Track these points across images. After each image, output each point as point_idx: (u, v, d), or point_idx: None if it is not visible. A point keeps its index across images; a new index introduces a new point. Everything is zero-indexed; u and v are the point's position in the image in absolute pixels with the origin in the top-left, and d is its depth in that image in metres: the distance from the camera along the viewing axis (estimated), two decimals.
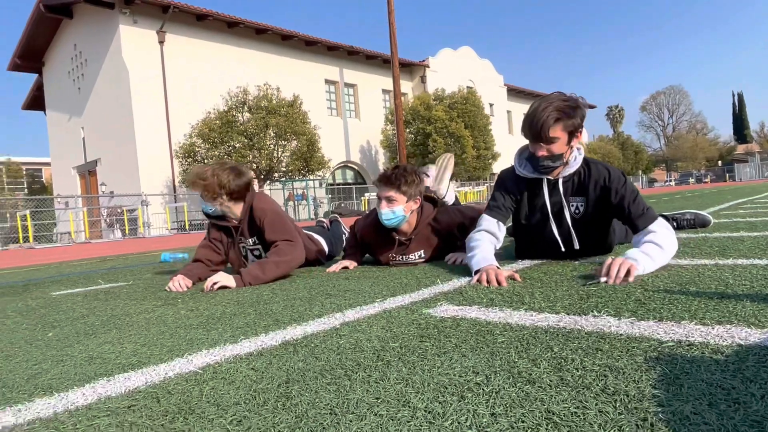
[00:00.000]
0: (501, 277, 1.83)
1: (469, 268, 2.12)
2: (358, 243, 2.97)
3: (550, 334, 1.15)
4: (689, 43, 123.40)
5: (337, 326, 1.41)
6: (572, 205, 2.20)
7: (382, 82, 27.25)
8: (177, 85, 19.41)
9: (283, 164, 18.60)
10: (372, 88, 27.33)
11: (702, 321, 1.16)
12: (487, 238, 2.19)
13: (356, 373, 0.99)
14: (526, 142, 2.21)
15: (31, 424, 0.88)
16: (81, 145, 22.21)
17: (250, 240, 2.80)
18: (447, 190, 3.57)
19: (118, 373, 1.13)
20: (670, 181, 49.53)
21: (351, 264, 2.79)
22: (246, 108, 18.09)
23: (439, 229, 2.69)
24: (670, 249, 1.91)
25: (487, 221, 2.26)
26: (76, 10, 20.64)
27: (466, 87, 29.06)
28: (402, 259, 2.74)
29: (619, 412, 0.72)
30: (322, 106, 24.61)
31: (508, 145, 29.08)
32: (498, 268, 1.92)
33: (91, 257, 6.90)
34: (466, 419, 0.74)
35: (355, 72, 26.43)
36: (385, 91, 27.69)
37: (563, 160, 2.13)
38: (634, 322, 1.20)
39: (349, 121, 26.13)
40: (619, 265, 1.72)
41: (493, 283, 1.82)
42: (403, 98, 23.24)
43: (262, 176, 18.45)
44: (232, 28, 21.21)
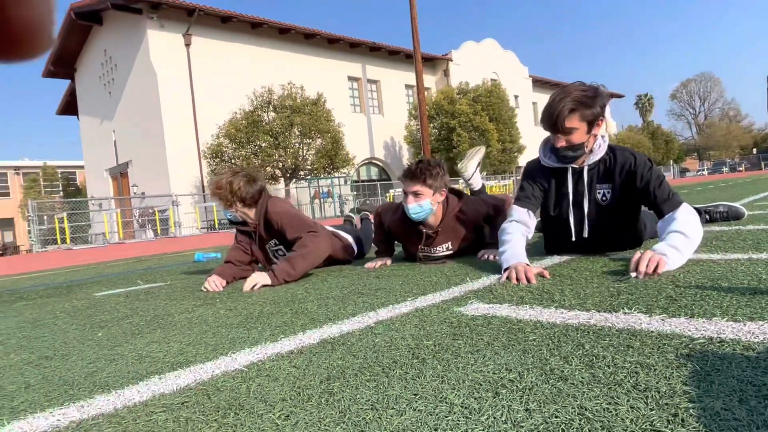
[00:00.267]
0: (530, 275, 1.85)
1: (498, 266, 2.15)
2: (387, 235, 3.03)
3: (581, 331, 1.18)
4: (720, 29, 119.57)
5: (372, 325, 1.45)
6: (599, 192, 2.22)
7: (405, 78, 27.21)
8: (203, 87, 19.76)
9: (309, 162, 18.79)
10: (395, 84, 27.31)
11: (734, 317, 1.17)
12: (519, 230, 2.21)
13: (393, 371, 1.04)
14: None
15: (95, 420, 0.95)
16: (113, 148, 22.83)
17: (271, 242, 2.92)
18: (473, 174, 3.68)
19: (168, 371, 1.20)
20: (703, 170, 48.20)
21: (387, 261, 2.85)
22: (271, 107, 18.31)
23: (465, 221, 2.74)
24: (696, 237, 1.91)
25: (517, 211, 2.29)
26: (106, 17, 21.17)
27: (491, 80, 28.82)
28: (430, 251, 2.79)
29: (650, 408, 0.75)
30: (346, 103, 24.73)
31: (533, 138, 28.69)
32: (528, 264, 1.94)
33: (126, 258, 7.13)
34: (502, 415, 0.78)
35: (378, 68, 26.45)
36: (408, 87, 27.65)
37: (584, 150, 2.16)
38: (665, 319, 1.21)
39: (373, 118, 26.19)
40: (648, 260, 1.72)
41: (522, 281, 1.84)
42: (426, 93, 23.18)
43: (288, 175, 18.67)
44: (255, 29, 21.46)
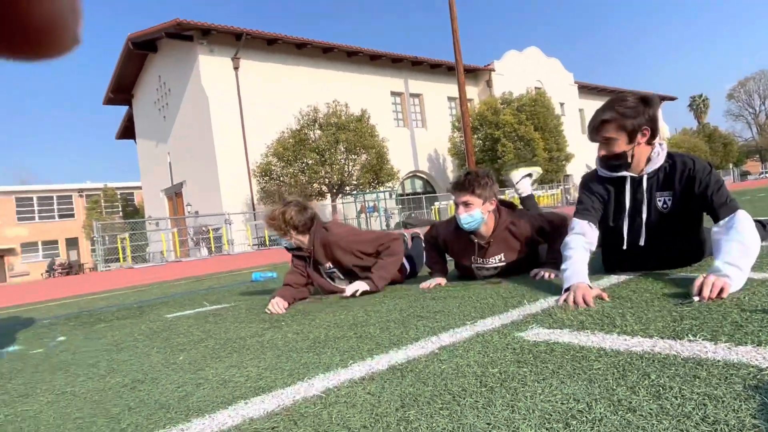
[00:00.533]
0: (588, 298, 1.87)
1: (553, 285, 2.18)
2: (441, 252, 3.09)
3: (645, 359, 1.21)
4: None
5: (436, 350, 1.52)
6: (659, 200, 2.23)
7: (448, 90, 27.26)
8: (252, 108, 20.45)
9: (354, 177, 19.08)
10: (437, 97, 27.41)
11: None
12: (580, 243, 2.23)
13: (464, 399, 1.10)
14: None
15: None
16: (168, 169, 23.87)
17: (326, 265, 3.08)
18: (521, 180, 3.75)
19: (253, 396, 1.31)
20: (766, 173, 45.68)
21: (442, 281, 2.91)
22: (317, 125, 18.75)
23: (517, 233, 2.77)
24: (755, 247, 1.89)
25: (579, 224, 2.31)
26: (160, 45, 22.30)
27: (535, 88, 28.48)
28: (483, 262, 2.84)
29: None
30: (389, 118, 24.99)
31: (581, 145, 28.11)
32: (589, 286, 1.96)
33: (186, 277, 7.46)
34: None
35: (420, 82, 26.64)
36: (450, 99, 27.68)
37: (627, 159, 2.20)
38: (732, 347, 1.22)
39: (416, 131, 26.33)
40: (712, 284, 1.71)
41: (581, 305, 1.86)
42: (469, 104, 23.14)
43: (334, 190, 19.01)
44: (300, 49, 22.09)
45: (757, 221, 2.79)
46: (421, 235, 4.12)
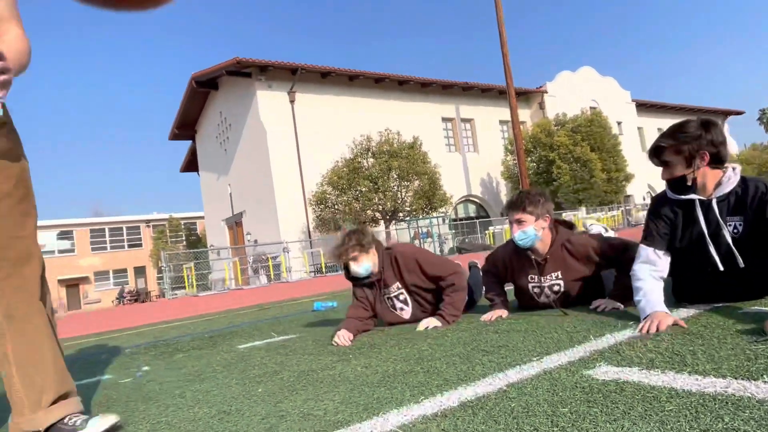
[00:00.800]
0: (662, 325, 1.94)
1: (619, 319, 2.18)
2: (500, 282, 3.12)
3: (718, 401, 1.21)
4: None
5: (504, 388, 1.57)
6: (730, 225, 2.20)
7: (499, 113, 27.19)
8: (307, 138, 21.15)
9: (407, 204, 19.24)
10: (489, 120, 27.38)
11: None
12: (648, 272, 2.26)
13: None
14: None
15: None
16: (228, 200, 24.93)
17: (393, 287, 3.15)
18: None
19: (334, 430, 1.40)
20: None
21: (503, 313, 2.94)
22: (370, 154, 19.14)
23: (573, 251, 2.80)
24: None
25: (645, 251, 2.34)
26: (221, 82, 23.57)
27: (590, 108, 27.93)
28: (541, 280, 2.86)
29: None
30: (440, 144, 25.15)
31: (641, 165, 27.18)
32: (666, 313, 2.02)
33: (249, 306, 7.74)
34: None
35: (471, 106, 26.73)
36: (502, 122, 27.57)
37: (687, 182, 2.23)
38: None
39: (468, 156, 26.32)
40: None
41: (661, 329, 1.95)
42: (521, 127, 22.94)
43: (388, 217, 19.22)
44: (353, 81, 22.76)
45: None
46: (479, 265, 4.15)
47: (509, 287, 3.17)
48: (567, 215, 19.38)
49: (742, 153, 37.43)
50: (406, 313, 3.19)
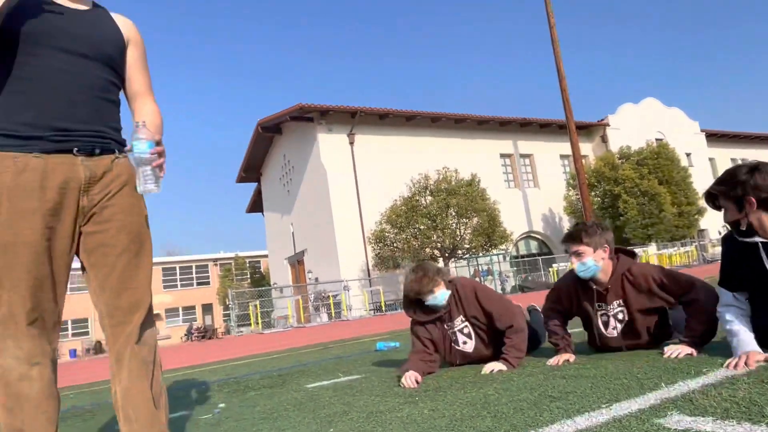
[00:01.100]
0: (750, 361, 1.96)
1: (692, 366, 2.13)
2: (563, 323, 3.07)
3: None
4: None
5: None
6: None
7: (559, 148, 26.80)
8: (366, 178, 21.67)
9: (466, 241, 19.13)
10: (549, 155, 27.02)
11: None
12: (735, 313, 2.27)
13: None
14: None
15: None
16: (291, 239, 25.71)
17: (457, 320, 3.19)
18: None
19: None
20: None
21: (570, 357, 2.91)
22: (428, 192, 19.32)
23: (634, 282, 2.77)
24: None
25: (726, 295, 2.35)
26: (284, 127, 24.73)
27: (656, 140, 27.02)
28: (603, 309, 2.86)
29: None
30: (499, 180, 25.01)
31: None
32: (759, 352, 2.02)
33: (313, 344, 7.90)
34: None
35: (530, 142, 26.54)
36: (563, 156, 27.12)
37: (741, 227, 2.22)
38: None
39: (528, 191, 25.96)
40: None
41: (749, 365, 1.96)
42: (584, 161, 22.49)
43: (447, 254, 19.14)
44: (410, 121, 23.26)
45: None
46: (538, 308, 4.07)
47: (574, 329, 3.13)
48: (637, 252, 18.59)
49: None
50: (469, 347, 3.21)
